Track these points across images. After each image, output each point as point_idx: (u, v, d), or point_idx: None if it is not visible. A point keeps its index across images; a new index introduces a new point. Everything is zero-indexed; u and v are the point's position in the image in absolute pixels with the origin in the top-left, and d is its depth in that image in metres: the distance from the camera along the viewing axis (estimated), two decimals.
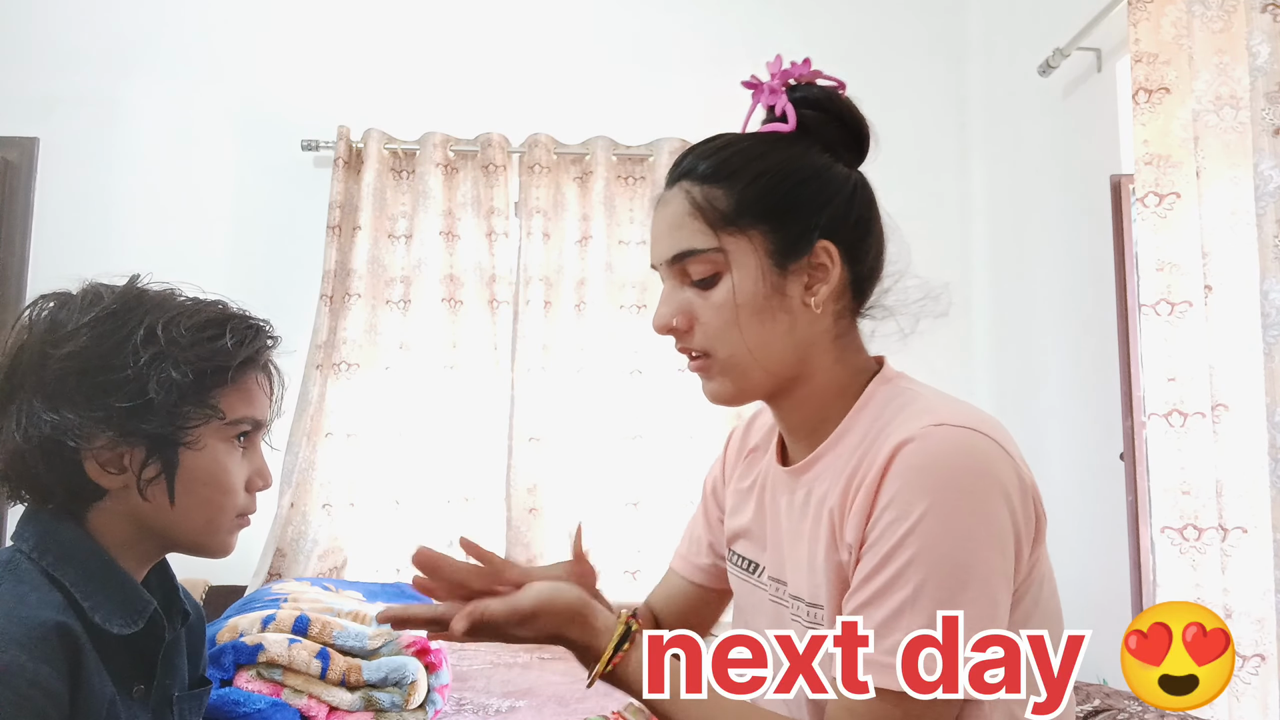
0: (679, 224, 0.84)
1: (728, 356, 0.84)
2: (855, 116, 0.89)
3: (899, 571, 0.74)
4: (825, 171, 0.86)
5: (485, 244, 2.94)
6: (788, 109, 0.86)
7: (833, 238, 0.84)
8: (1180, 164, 1.90)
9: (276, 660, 1.63)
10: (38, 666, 0.72)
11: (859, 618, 0.75)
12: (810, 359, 0.86)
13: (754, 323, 0.83)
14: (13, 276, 2.88)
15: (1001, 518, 0.75)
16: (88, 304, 0.83)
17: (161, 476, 0.81)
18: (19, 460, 0.80)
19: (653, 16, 3.15)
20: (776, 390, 0.88)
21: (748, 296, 0.82)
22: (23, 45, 2.98)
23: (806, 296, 0.84)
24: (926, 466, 0.75)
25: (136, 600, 0.83)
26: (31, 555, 0.80)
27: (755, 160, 0.84)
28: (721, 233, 0.83)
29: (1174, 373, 1.86)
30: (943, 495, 0.74)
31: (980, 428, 0.79)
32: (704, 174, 0.85)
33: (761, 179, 0.83)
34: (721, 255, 0.82)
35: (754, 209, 0.82)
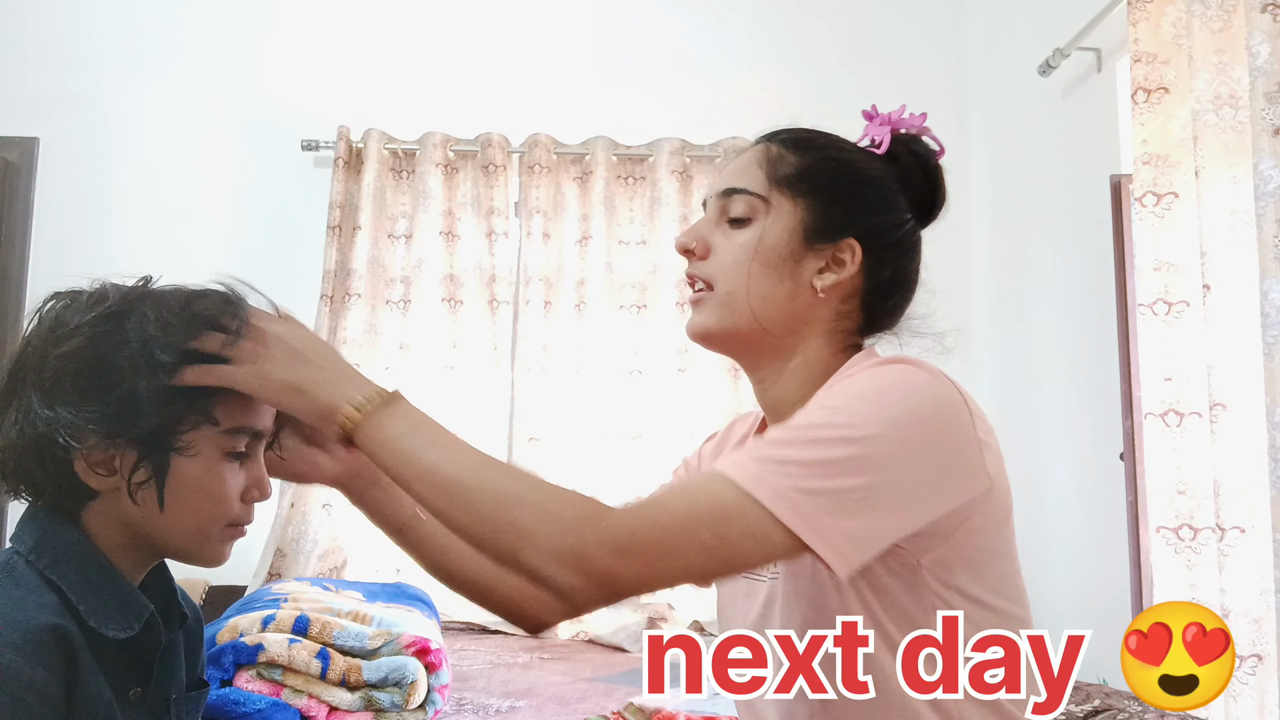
0: (744, 168, 0.91)
1: (726, 293, 0.88)
2: (939, 180, 0.95)
3: (810, 424, 0.75)
4: (887, 191, 0.91)
5: (485, 244, 2.94)
6: (885, 138, 0.92)
7: (864, 244, 0.89)
8: (1179, 164, 1.90)
9: (276, 660, 1.63)
10: (33, 670, 0.71)
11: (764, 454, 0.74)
12: (799, 334, 0.89)
13: (762, 273, 0.87)
14: (13, 276, 2.88)
15: (937, 441, 0.76)
16: (92, 303, 0.82)
17: (151, 481, 0.80)
18: (13, 455, 0.80)
19: (652, 17, 3.15)
20: (755, 349, 0.91)
21: (768, 247, 0.87)
22: (23, 45, 2.98)
23: (816, 279, 0.88)
24: (870, 376, 0.79)
25: (133, 604, 0.82)
26: (29, 557, 0.79)
27: (835, 149, 0.92)
28: (774, 187, 0.89)
29: (1170, 372, 1.86)
30: (882, 399, 0.76)
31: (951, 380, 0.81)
32: (786, 139, 0.92)
33: (830, 163, 0.90)
34: (763, 203, 0.88)
35: (811, 182, 0.89)
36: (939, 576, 0.78)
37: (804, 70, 3.11)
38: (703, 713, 1.67)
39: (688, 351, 2.92)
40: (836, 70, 3.13)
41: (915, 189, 0.93)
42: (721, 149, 2.97)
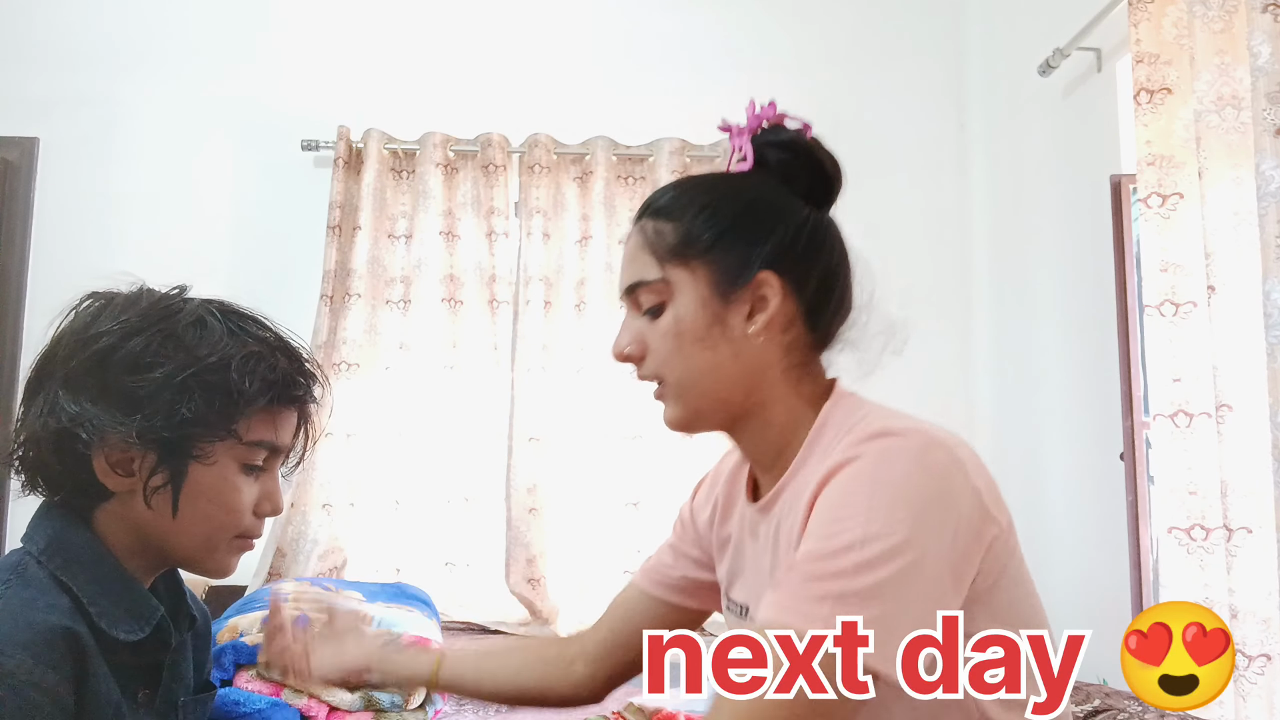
0: (633, 257, 0.89)
1: (676, 382, 0.87)
2: (818, 158, 0.91)
3: (840, 548, 0.73)
4: (773, 205, 0.88)
5: (485, 244, 2.94)
6: (748, 149, 0.89)
7: (776, 269, 0.86)
8: (1183, 164, 1.90)
9: None
10: (43, 671, 0.71)
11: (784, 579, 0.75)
12: (761, 388, 0.87)
13: (697, 350, 0.85)
14: (13, 276, 2.88)
15: (946, 519, 0.75)
16: (128, 304, 0.83)
17: (168, 486, 0.80)
18: (34, 446, 0.80)
19: (652, 17, 3.15)
20: (730, 419, 0.89)
21: (689, 325, 0.85)
22: (23, 45, 2.98)
23: (747, 325, 0.85)
24: (872, 465, 0.76)
25: (143, 607, 0.83)
26: (40, 559, 0.79)
27: (704, 195, 0.88)
28: (667, 264, 0.86)
29: (1179, 373, 1.86)
30: (889, 491, 0.74)
31: (931, 434, 0.79)
32: (658, 210, 0.89)
33: (705, 212, 0.86)
34: (665, 285, 0.86)
35: (698, 241, 0.86)
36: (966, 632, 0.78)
37: (804, 70, 3.11)
38: (703, 713, 1.67)
39: None
40: (836, 70, 3.13)
41: (798, 180, 0.89)
42: (721, 149, 2.97)
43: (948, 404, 2.98)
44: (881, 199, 3.09)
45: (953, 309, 3.05)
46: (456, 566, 2.84)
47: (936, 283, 3.05)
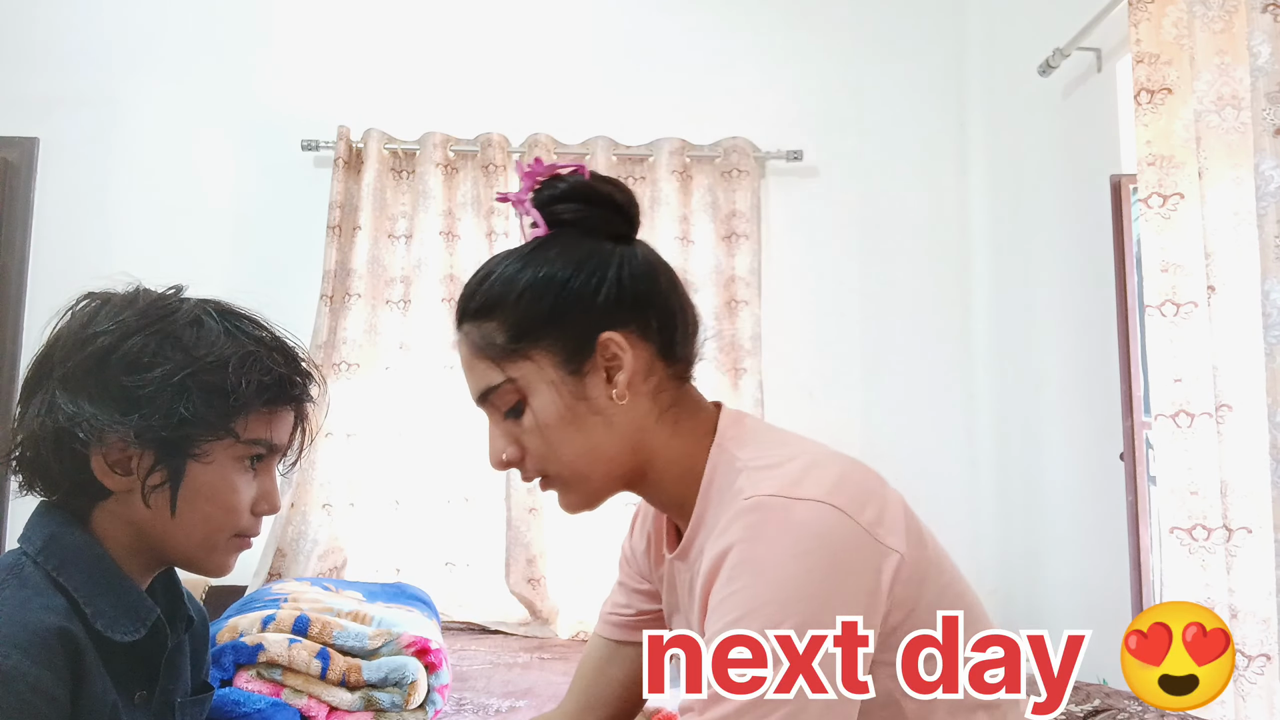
0: (470, 366, 0.87)
1: (561, 472, 0.85)
2: (605, 194, 0.87)
3: None
4: (586, 262, 0.84)
5: (485, 244, 2.94)
6: (536, 214, 0.86)
7: (616, 324, 0.83)
8: (1183, 164, 1.89)
9: (276, 660, 1.63)
10: (39, 672, 0.71)
11: None
12: (644, 444, 0.85)
13: (569, 434, 0.83)
14: (13, 276, 2.88)
15: (844, 590, 0.74)
16: (125, 304, 0.83)
17: (166, 485, 0.80)
18: (33, 445, 0.80)
19: (652, 17, 3.15)
20: (625, 483, 0.88)
21: (552, 414, 0.83)
22: (23, 45, 2.98)
23: (609, 390, 0.83)
24: (747, 558, 0.75)
25: (139, 608, 0.82)
26: (36, 559, 0.79)
27: (513, 282, 0.84)
28: (506, 364, 0.84)
29: (1180, 373, 1.86)
30: (765, 586, 0.74)
31: (799, 491, 0.77)
32: (476, 311, 0.86)
33: (523, 300, 0.83)
34: (513, 385, 0.84)
35: (527, 332, 0.83)
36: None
37: (804, 70, 3.11)
38: None
39: None
40: (836, 70, 3.13)
41: (596, 226, 0.86)
42: (721, 149, 2.97)
43: (948, 404, 2.98)
44: (881, 199, 3.09)
45: (953, 309, 3.05)
46: (456, 566, 2.84)
47: (937, 283, 3.05)
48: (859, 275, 3.03)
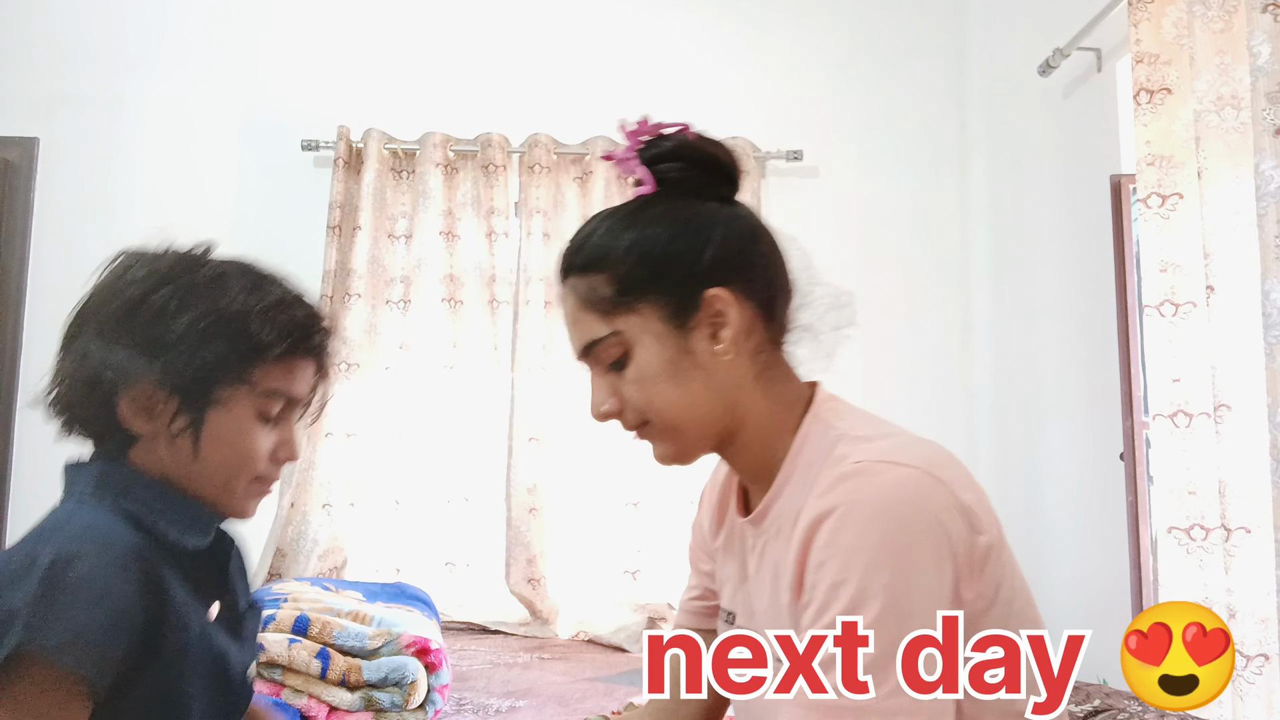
0: (576, 319, 0.88)
1: (659, 423, 0.87)
2: (710, 153, 0.89)
3: (841, 615, 0.73)
4: (693, 220, 0.86)
5: (485, 244, 2.94)
6: (643, 173, 0.88)
7: (720, 282, 0.84)
8: (1182, 164, 1.90)
9: (276, 660, 1.63)
10: (111, 582, 0.74)
11: None
12: (739, 403, 0.87)
13: (671, 388, 0.85)
14: (13, 276, 2.88)
15: (936, 551, 0.75)
16: (156, 259, 0.87)
17: (189, 430, 0.84)
18: (67, 390, 0.84)
19: (652, 17, 3.15)
20: (718, 442, 0.89)
21: (656, 367, 0.84)
22: (23, 45, 2.98)
23: (713, 346, 0.85)
24: (851, 513, 0.75)
25: (201, 514, 0.86)
26: (92, 498, 0.82)
27: (621, 236, 0.86)
28: (613, 317, 0.85)
29: (1178, 373, 1.86)
30: (872, 539, 0.74)
31: (905, 459, 0.78)
32: (583, 265, 0.87)
33: (631, 254, 0.85)
34: (619, 338, 0.85)
35: (634, 285, 0.84)
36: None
37: (804, 70, 3.11)
38: None
39: None
40: (837, 70, 3.13)
41: (699, 185, 0.88)
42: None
43: (948, 404, 2.98)
44: (881, 199, 3.09)
45: (953, 308, 3.05)
46: (456, 566, 2.84)
47: (936, 282, 3.05)
48: (859, 275, 3.03)
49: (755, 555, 0.89)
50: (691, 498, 3.10)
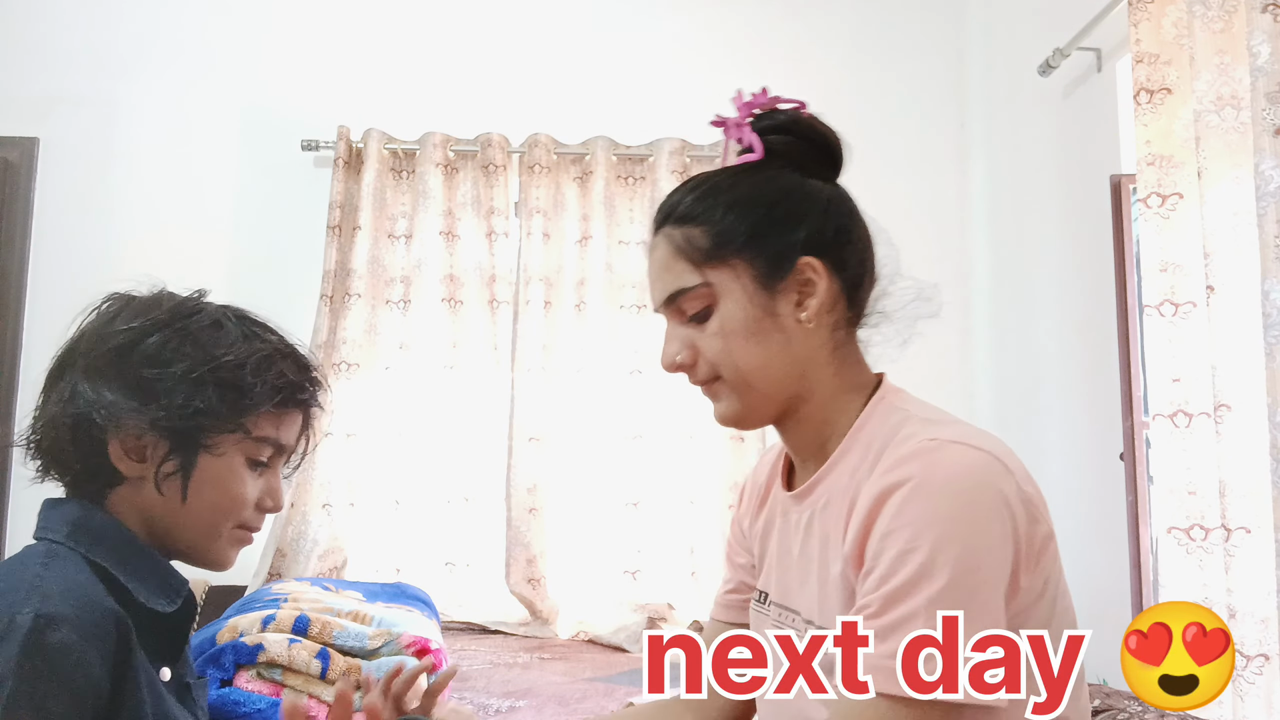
0: (667, 267, 0.89)
1: (732, 380, 0.87)
2: (820, 132, 0.92)
3: (905, 584, 0.74)
4: (796, 191, 0.88)
5: (485, 244, 2.94)
6: (753, 139, 0.89)
7: (814, 253, 0.86)
8: (1182, 164, 1.90)
9: (276, 660, 1.63)
10: (88, 652, 0.73)
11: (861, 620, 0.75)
12: (810, 374, 0.88)
13: (750, 346, 0.86)
14: (13, 276, 2.88)
15: (1002, 531, 0.75)
16: (149, 305, 0.88)
17: (178, 473, 0.84)
18: (52, 430, 0.85)
19: (653, 17, 3.15)
20: (781, 410, 0.89)
21: (739, 323, 0.86)
22: (23, 45, 2.98)
23: (798, 313, 0.86)
24: (924, 486, 0.76)
25: (172, 578, 0.86)
26: (68, 544, 0.82)
27: (726, 193, 0.88)
28: (705, 268, 0.86)
29: (1178, 373, 1.86)
30: (943, 512, 0.75)
31: (976, 442, 0.79)
32: (682, 215, 0.89)
33: (734, 210, 0.87)
34: (708, 289, 0.86)
35: (732, 240, 0.86)
36: None
37: (804, 70, 3.11)
38: None
39: None
40: (837, 70, 3.13)
41: (806, 161, 0.90)
42: (721, 149, 2.97)
43: (948, 404, 2.97)
44: (881, 198, 3.09)
45: (952, 308, 3.05)
46: (456, 566, 2.84)
47: (936, 282, 3.05)
48: None
49: (799, 530, 0.90)
50: (691, 498, 3.11)
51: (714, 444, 2.87)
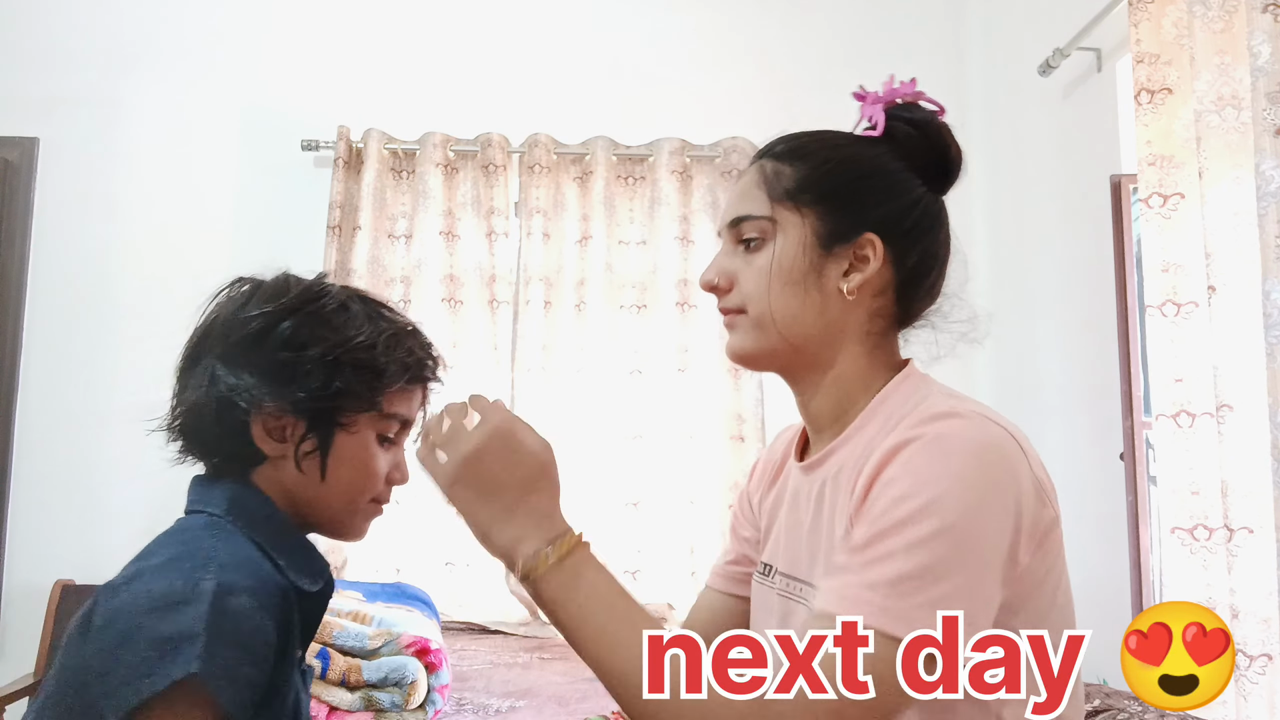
0: (745, 193, 0.91)
1: (756, 315, 0.88)
2: (944, 141, 0.92)
3: (893, 525, 0.74)
4: (893, 175, 0.89)
5: (485, 244, 2.94)
6: (880, 119, 0.91)
7: (882, 235, 0.87)
8: (1183, 164, 1.90)
9: None
10: (265, 621, 0.76)
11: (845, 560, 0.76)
12: (836, 344, 0.88)
13: (786, 291, 0.87)
14: (13, 276, 2.88)
15: (1005, 504, 0.76)
16: (277, 290, 0.91)
17: (317, 451, 0.87)
18: (195, 415, 0.87)
19: (652, 17, 3.15)
20: (794, 365, 0.90)
21: (786, 265, 0.87)
22: (23, 45, 2.98)
23: (843, 281, 0.87)
24: (936, 443, 0.77)
25: (316, 559, 0.90)
26: (226, 518, 0.84)
27: (829, 149, 0.90)
28: (777, 204, 0.88)
29: (1180, 373, 1.86)
30: (951, 470, 0.75)
31: (997, 419, 0.81)
32: (780, 153, 0.91)
33: (827, 164, 0.89)
34: (771, 224, 0.88)
35: (813, 189, 0.88)
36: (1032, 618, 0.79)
37: (804, 70, 3.11)
38: None
39: (688, 351, 2.92)
40: (836, 70, 3.11)
41: (920, 159, 0.91)
42: (721, 149, 2.97)
43: None
44: None
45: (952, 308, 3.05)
46: (456, 566, 2.84)
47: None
48: None
49: (810, 501, 0.90)
50: (691, 498, 3.11)
51: (714, 444, 2.87)
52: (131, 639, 0.71)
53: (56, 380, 2.86)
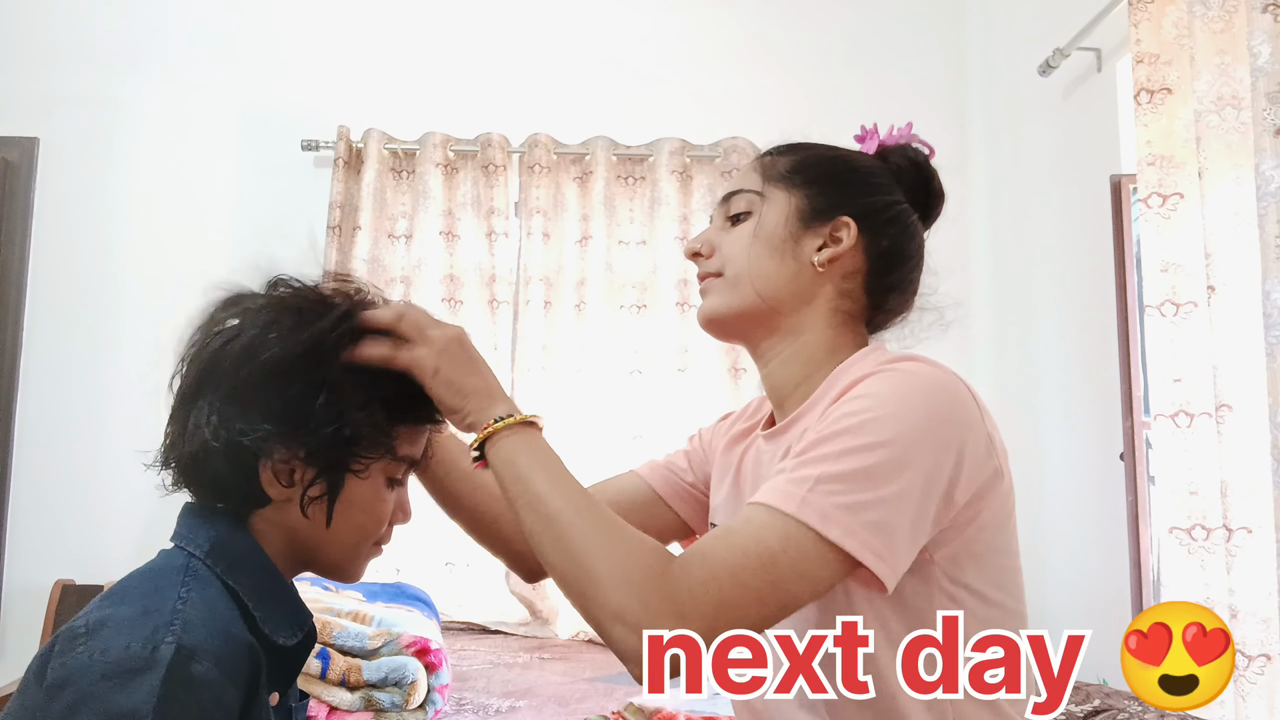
0: (743, 175, 0.99)
1: (734, 274, 0.94)
2: (929, 174, 1.01)
3: (830, 434, 0.77)
4: (879, 179, 0.97)
5: (485, 244, 2.94)
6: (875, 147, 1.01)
7: (858, 221, 0.94)
8: (1183, 164, 1.90)
9: None
10: (226, 686, 0.73)
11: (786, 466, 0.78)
12: (804, 313, 0.94)
13: (763, 254, 0.93)
14: (13, 276, 2.88)
15: (947, 438, 0.78)
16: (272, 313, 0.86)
17: (324, 497, 0.84)
18: (203, 456, 0.82)
19: (653, 17, 3.15)
20: (763, 330, 0.95)
21: (766, 233, 0.94)
22: (23, 45, 2.98)
23: (816, 255, 0.93)
24: (887, 378, 0.82)
25: (299, 612, 0.86)
26: (206, 561, 0.81)
27: (827, 148, 1.00)
28: (769, 182, 0.96)
29: (1179, 373, 1.86)
30: (898, 396, 0.79)
31: (957, 374, 0.85)
32: (782, 149, 1.01)
33: (820, 159, 0.98)
34: (759, 197, 0.95)
35: (805, 172, 0.96)
36: (948, 573, 0.80)
37: (804, 70, 3.11)
38: (703, 713, 1.67)
39: (688, 351, 2.92)
40: (837, 70, 3.13)
41: (908, 184, 0.99)
42: (721, 149, 2.97)
43: None
44: None
45: (952, 309, 3.05)
46: (456, 566, 2.84)
47: (936, 282, 3.05)
48: None
49: (773, 465, 0.92)
50: None
51: None
52: (80, 710, 0.68)
53: (56, 380, 2.86)
